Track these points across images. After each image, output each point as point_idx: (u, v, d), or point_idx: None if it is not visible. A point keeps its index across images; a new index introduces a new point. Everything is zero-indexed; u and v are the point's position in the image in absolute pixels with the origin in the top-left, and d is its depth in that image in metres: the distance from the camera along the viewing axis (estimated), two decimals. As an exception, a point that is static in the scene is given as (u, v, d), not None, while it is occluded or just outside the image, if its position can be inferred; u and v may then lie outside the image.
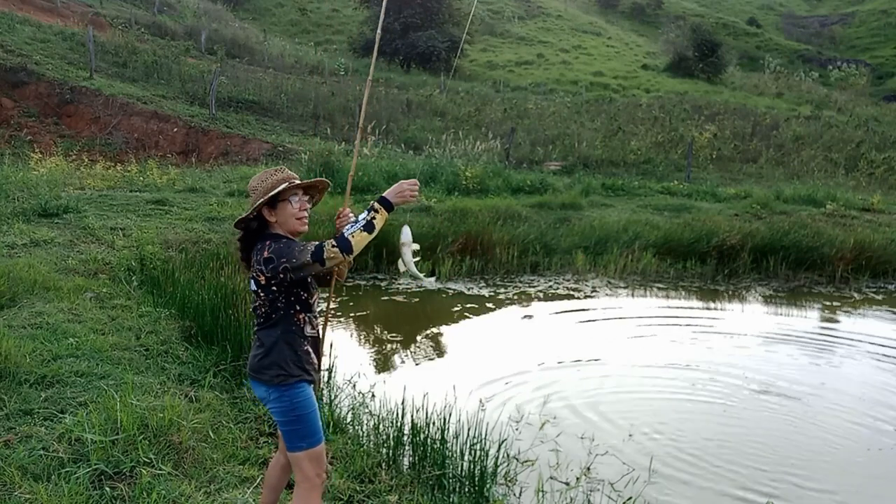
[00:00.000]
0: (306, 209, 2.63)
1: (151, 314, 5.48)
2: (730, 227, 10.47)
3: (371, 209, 2.47)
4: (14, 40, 18.81)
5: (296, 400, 2.52)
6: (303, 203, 2.62)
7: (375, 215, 2.47)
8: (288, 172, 2.61)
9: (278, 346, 2.52)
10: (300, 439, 2.52)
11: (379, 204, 2.49)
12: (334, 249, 2.39)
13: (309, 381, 2.58)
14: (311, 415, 2.55)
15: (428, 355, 6.15)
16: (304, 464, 2.54)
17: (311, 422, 2.54)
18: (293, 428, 2.53)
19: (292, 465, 2.61)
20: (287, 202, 2.57)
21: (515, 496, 3.80)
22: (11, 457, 3.13)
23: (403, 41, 32.16)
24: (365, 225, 2.44)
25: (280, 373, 2.51)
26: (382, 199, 2.52)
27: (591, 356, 6.35)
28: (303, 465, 2.54)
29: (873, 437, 4.86)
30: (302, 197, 2.62)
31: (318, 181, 2.74)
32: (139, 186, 10.90)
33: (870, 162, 20.90)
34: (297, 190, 2.60)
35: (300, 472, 2.56)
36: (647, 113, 25.16)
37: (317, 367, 2.68)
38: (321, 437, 2.58)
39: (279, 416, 2.56)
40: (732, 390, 5.62)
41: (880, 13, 55.49)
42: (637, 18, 55.36)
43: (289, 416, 2.53)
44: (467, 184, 12.73)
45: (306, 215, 2.63)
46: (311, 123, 19.97)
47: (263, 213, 2.59)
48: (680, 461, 4.35)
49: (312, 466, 2.55)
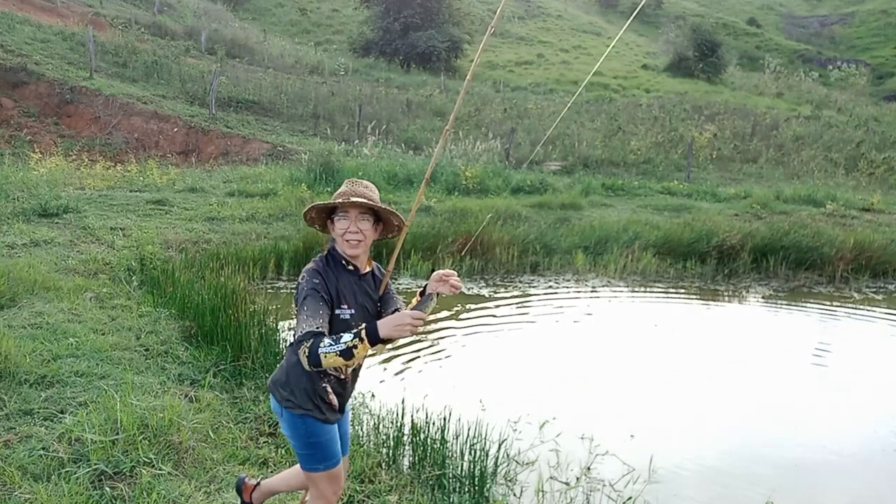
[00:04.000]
0: (355, 232, 2.36)
1: (151, 314, 5.48)
2: (730, 227, 10.47)
3: (356, 335, 2.10)
4: (14, 40, 18.80)
5: (303, 429, 2.38)
6: (352, 226, 2.35)
7: (358, 344, 2.09)
8: (355, 187, 2.39)
9: (296, 371, 2.35)
10: (315, 462, 2.42)
11: (365, 334, 2.10)
12: (305, 357, 2.12)
13: (320, 419, 2.39)
14: (326, 442, 2.42)
15: (428, 355, 6.14)
16: (321, 483, 2.45)
17: (325, 447, 2.41)
18: (306, 452, 2.42)
19: (308, 481, 2.51)
20: (337, 219, 2.39)
21: (515, 496, 3.80)
22: (11, 457, 3.12)
23: (403, 41, 32.18)
24: (343, 351, 2.09)
25: (290, 398, 2.38)
26: (371, 331, 2.11)
27: (592, 356, 6.35)
28: (319, 484, 2.45)
29: (887, 440, 4.87)
30: (358, 220, 2.36)
31: (385, 210, 2.40)
32: (139, 186, 10.90)
33: (870, 162, 20.90)
34: (352, 210, 2.36)
35: (315, 489, 2.48)
36: (647, 113, 25.16)
37: (337, 408, 2.44)
38: (338, 459, 2.47)
39: (290, 438, 2.45)
40: (733, 390, 5.62)
41: (880, 13, 55.50)
42: (637, 18, 55.31)
43: (300, 441, 2.41)
44: (467, 184, 12.73)
45: (355, 239, 2.36)
46: (311, 123, 19.96)
47: (326, 224, 2.46)
48: (680, 461, 4.35)
49: (329, 485, 2.46)
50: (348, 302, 2.36)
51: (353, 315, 2.35)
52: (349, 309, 2.35)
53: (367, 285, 2.49)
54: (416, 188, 12.59)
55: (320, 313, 2.21)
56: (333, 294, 2.31)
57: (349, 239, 2.35)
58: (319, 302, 2.24)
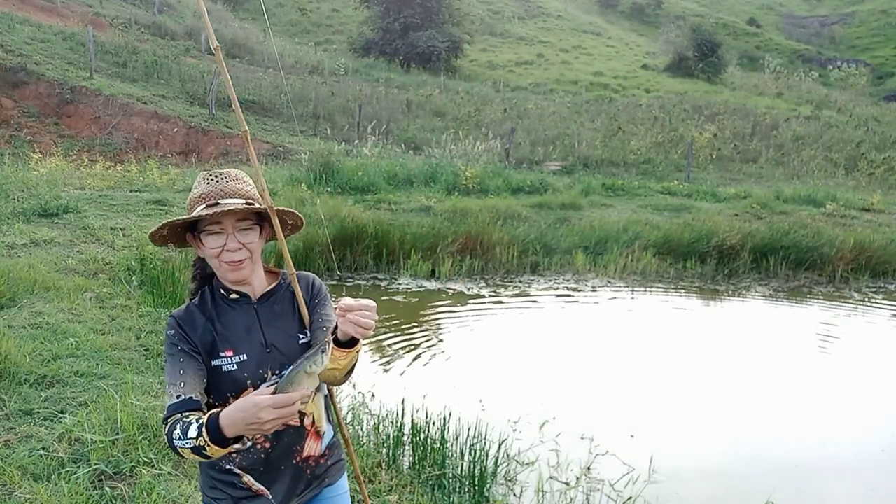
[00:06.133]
0: (237, 250, 1.61)
1: (151, 314, 5.48)
2: (730, 227, 10.47)
3: (200, 427, 1.42)
4: (14, 40, 18.80)
5: None
6: (231, 242, 1.61)
7: (204, 444, 1.41)
8: (221, 184, 1.63)
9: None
10: None
11: (206, 430, 1.41)
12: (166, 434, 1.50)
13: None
14: None
15: (428, 355, 6.14)
16: None
17: None
18: None
19: None
20: (205, 235, 1.63)
21: (515, 496, 3.80)
22: (11, 457, 3.12)
23: (403, 41, 32.19)
24: (195, 450, 1.43)
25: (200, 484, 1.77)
26: (212, 425, 1.41)
27: (591, 355, 6.35)
28: None
29: (887, 440, 4.86)
30: (237, 232, 1.62)
31: (276, 211, 1.67)
32: (139, 186, 10.90)
33: (870, 162, 20.91)
34: (226, 219, 1.60)
35: None
36: (647, 113, 25.17)
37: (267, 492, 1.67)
38: None
39: None
40: (733, 390, 5.62)
41: (880, 13, 55.52)
42: (637, 18, 55.38)
43: None
44: (467, 184, 12.73)
45: (238, 258, 1.61)
46: (311, 123, 19.97)
47: (188, 241, 1.71)
48: (680, 461, 4.35)
49: None
50: (233, 345, 1.63)
51: (243, 363, 1.62)
52: (235, 356, 1.62)
53: (272, 309, 1.71)
54: (417, 188, 12.60)
55: (180, 374, 1.56)
56: (201, 339, 1.62)
57: (229, 260, 1.61)
58: (179, 359, 1.58)
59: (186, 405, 1.52)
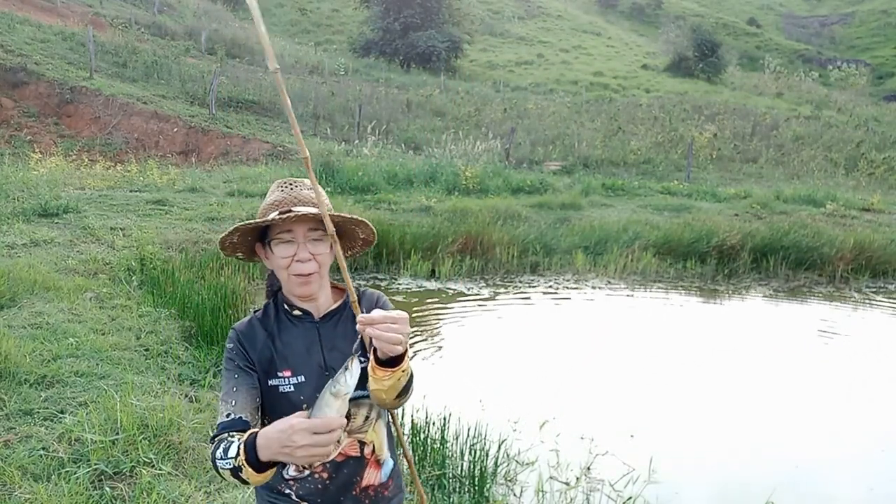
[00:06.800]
0: (307, 260, 1.55)
1: (151, 314, 5.48)
2: (730, 227, 10.47)
3: (238, 451, 1.37)
4: (14, 40, 18.80)
5: None
6: (302, 251, 1.54)
7: (243, 465, 1.36)
8: (296, 191, 1.57)
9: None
10: None
11: (244, 450, 1.36)
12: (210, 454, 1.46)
13: None
14: None
15: (427, 355, 6.14)
16: None
17: None
18: None
19: None
20: (275, 243, 1.56)
21: (515, 496, 3.80)
22: (11, 457, 3.12)
23: (403, 41, 32.20)
24: (233, 470, 1.38)
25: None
26: (249, 445, 1.36)
27: (591, 355, 6.35)
28: None
29: (887, 440, 4.87)
30: (308, 242, 1.55)
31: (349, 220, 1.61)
32: (139, 186, 10.90)
33: (870, 162, 20.92)
34: (298, 227, 1.54)
35: None
36: (647, 113, 25.18)
37: None
38: None
39: None
40: (733, 390, 5.63)
41: (880, 13, 55.54)
42: (637, 18, 55.41)
43: None
44: (467, 184, 12.73)
45: (305, 270, 1.54)
46: (311, 123, 19.97)
47: (257, 251, 1.65)
48: (680, 461, 4.35)
49: None
50: (291, 366, 1.56)
51: (300, 384, 1.55)
52: (293, 376, 1.55)
53: (335, 330, 1.62)
54: (417, 188, 12.60)
55: (233, 391, 1.52)
56: (259, 356, 1.56)
57: (298, 273, 1.54)
58: (234, 375, 1.54)
59: (236, 425, 1.47)
